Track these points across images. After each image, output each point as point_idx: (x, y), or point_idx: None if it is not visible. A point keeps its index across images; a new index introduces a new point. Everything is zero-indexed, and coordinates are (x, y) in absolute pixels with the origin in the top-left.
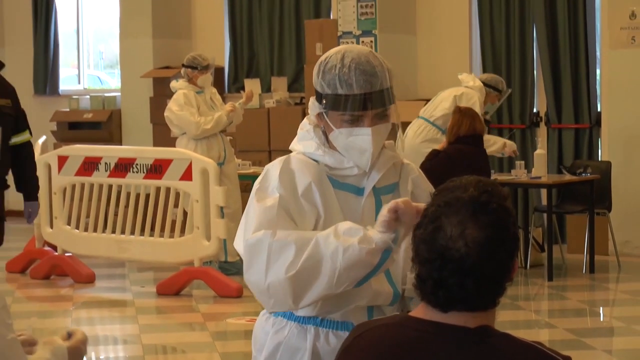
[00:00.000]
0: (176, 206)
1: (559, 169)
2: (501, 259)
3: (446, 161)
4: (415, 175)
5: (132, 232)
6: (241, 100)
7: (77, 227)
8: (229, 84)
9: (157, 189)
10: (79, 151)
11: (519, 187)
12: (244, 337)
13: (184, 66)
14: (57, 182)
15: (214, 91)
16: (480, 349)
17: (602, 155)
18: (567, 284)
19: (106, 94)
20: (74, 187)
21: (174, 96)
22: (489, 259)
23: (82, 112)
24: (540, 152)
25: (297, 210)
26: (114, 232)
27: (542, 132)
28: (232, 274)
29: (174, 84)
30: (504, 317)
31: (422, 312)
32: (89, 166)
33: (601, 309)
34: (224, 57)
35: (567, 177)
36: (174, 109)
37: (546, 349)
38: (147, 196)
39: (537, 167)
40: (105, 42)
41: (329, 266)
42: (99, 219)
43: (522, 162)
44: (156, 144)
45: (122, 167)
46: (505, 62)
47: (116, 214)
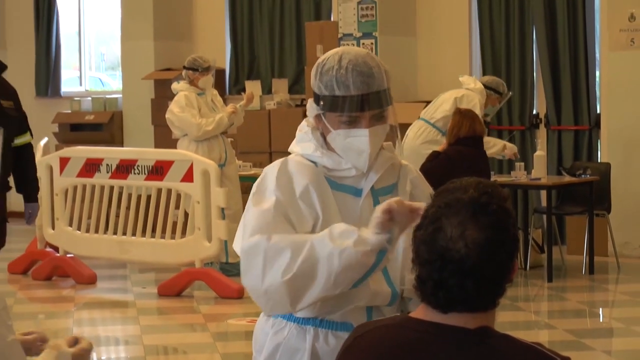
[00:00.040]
0: (177, 207)
1: (559, 170)
2: (501, 260)
3: (446, 162)
4: (413, 176)
5: (133, 234)
6: (242, 102)
7: (78, 229)
8: (229, 86)
9: (159, 191)
10: (81, 153)
11: (518, 188)
12: (244, 338)
13: (185, 68)
14: (58, 183)
15: (215, 93)
16: (480, 349)
17: (601, 156)
18: (567, 285)
19: (108, 96)
20: (75, 188)
21: (175, 98)
22: (489, 260)
23: (84, 114)
24: (539, 154)
25: (294, 212)
26: (115, 233)
27: (541, 133)
28: (233, 275)
29: (175, 86)
30: (504, 318)
31: (422, 313)
32: (91, 168)
33: (600, 310)
34: (224, 59)
35: (567, 178)
36: (175, 110)
37: (546, 349)
38: (149, 197)
39: (537, 168)
40: (106, 44)
41: (325, 269)
42: (101, 220)
43: (522, 164)
44: (157, 145)
45: (124, 168)
46: (505, 64)
47: (117, 215)
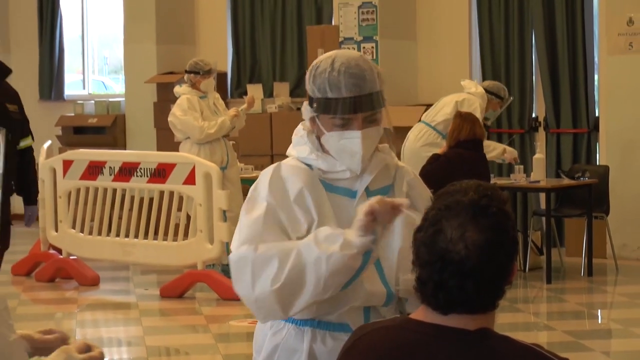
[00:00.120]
0: (179, 210)
1: (558, 173)
2: (501, 261)
3: (446, 165)
4: (410, 177)
5: (136, 236)
6: (243, 105)
7: (81, 231)
8: (231, 90)
9: (161, 193)
10: (84, 155)
11: (518, 191)
12: (246, 339)
13: (186, 72)
14: (62, 186)
15: (217, 96)
16: (479, 351)
17: (600, 159)
18: (566, 287)
19: (110, 99)
20: (78, 191)
21: (178, 101)
22: (488, 261)
23: (87, 117)
24: (539, 157)
25: (288, 217)
26: (118, 235)
27: (540, 136)
28: None
29: (177, 89)
30: (503, 320)
31: (422, 314)
32: (94, 170)
33: (599, 311)
34: (226, 62)
35: (566, 181)
36: (177, 113)
37: (545, 351)
38: (151, 200)
39: (536, 171)
40: (109, 47)
41: (314, 275)
42: (104, 222)
43: (521, 167)
44: (160, 148)
45: (126, 171)
46: (504, 68)
47: (120, 218)
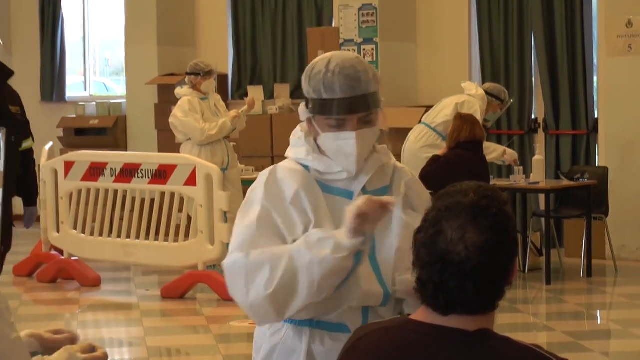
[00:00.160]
0: (180, 211)
1: (557, 174)
2: (501, 262)
3: (446, 166)
4: (408, 178)
5: (137, 237)
6: (244, 107)
7: (83, 232)
8: (232, 91)
9: (162, 194)
10: (85, 157)
11: (517, 192)
12: (246, 340)
13: (187, 74)
14: (63, 187)
15: (218, 98)
16: (479, 351)
17: (599, 160)
18: (565, 288)
19: (112, 101)
20: (80, 192)
21: (179, 103)
22: (489, 262)
23: (88, 119)
24: (538, 158)
25: (284, 219)
26: (119, 236)
27: (540, 138)
28: None
29: (178, 91)
30: (503, 320)
31: (422, 315)
32: (95, 171)
33: (598, 312)
34: (227, 64)
35: (565, 182)
36: (178, 115)
37: (544, 351)
38: (152, 201)
39: (536, 172)
40: (111, 49)
41: (307, 279)
42: (105, 223)
43: (521, 168)
44: (161, 149)
45: (128, 172)
46: (504, 69)
47: (121, 219)
